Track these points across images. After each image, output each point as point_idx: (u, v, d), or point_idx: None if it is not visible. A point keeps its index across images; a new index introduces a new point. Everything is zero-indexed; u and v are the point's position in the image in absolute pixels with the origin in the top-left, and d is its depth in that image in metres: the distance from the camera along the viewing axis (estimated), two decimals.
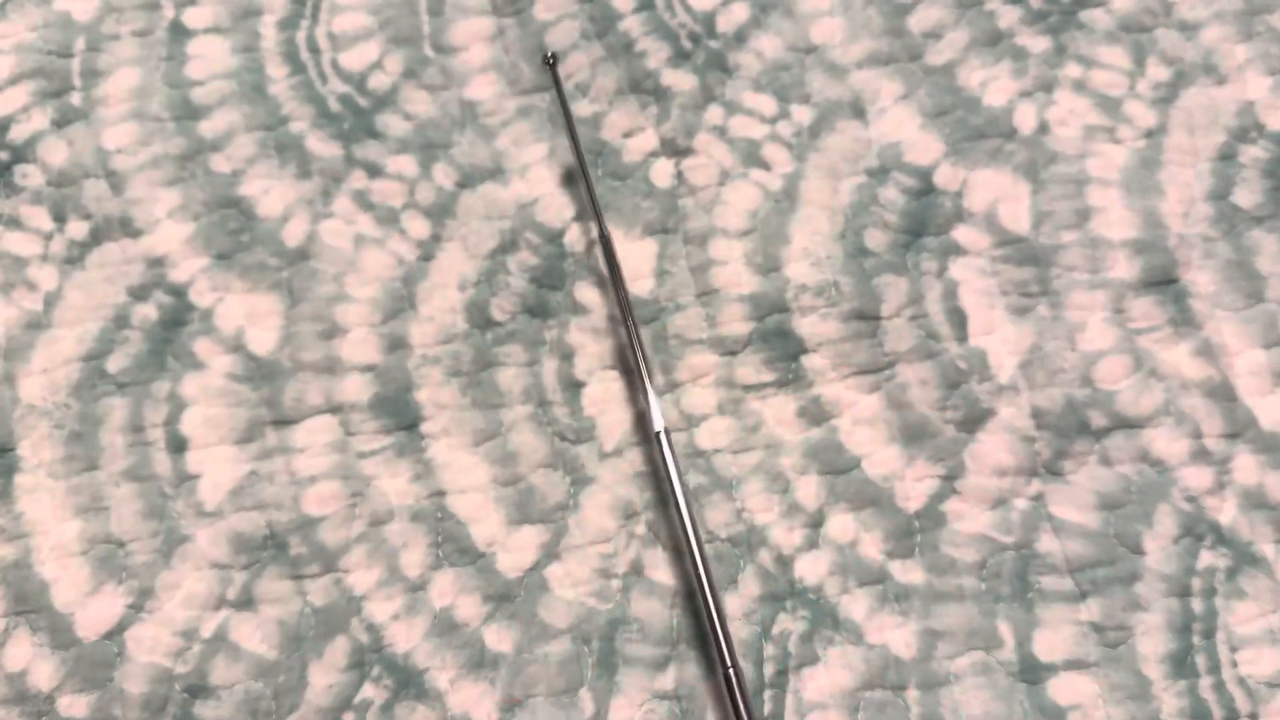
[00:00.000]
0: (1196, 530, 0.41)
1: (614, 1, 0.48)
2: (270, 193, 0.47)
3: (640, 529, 0.43)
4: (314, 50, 0.49)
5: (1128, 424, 0.43)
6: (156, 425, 0.44)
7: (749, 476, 0.43)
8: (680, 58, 0.47)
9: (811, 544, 0.42)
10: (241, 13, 0.49)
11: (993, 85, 0.47)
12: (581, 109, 0.47)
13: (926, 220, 0.45)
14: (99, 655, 0.41)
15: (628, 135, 0.47)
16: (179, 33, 0.49)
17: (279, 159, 0.47)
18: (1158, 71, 0.47)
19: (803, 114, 0.47)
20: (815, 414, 0.44)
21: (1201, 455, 0.42)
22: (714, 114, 0.47)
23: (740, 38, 0.47)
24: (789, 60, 0.47)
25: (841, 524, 0.43)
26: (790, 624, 0.41)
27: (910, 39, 0.47)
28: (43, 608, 0.41)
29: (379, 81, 0.48)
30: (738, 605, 0.41)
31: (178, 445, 0.44)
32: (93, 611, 0.41)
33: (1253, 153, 0.46)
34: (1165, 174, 0.45)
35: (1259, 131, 0.46)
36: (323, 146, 0.47)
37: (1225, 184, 0.45)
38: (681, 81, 0.47)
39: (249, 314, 0.45)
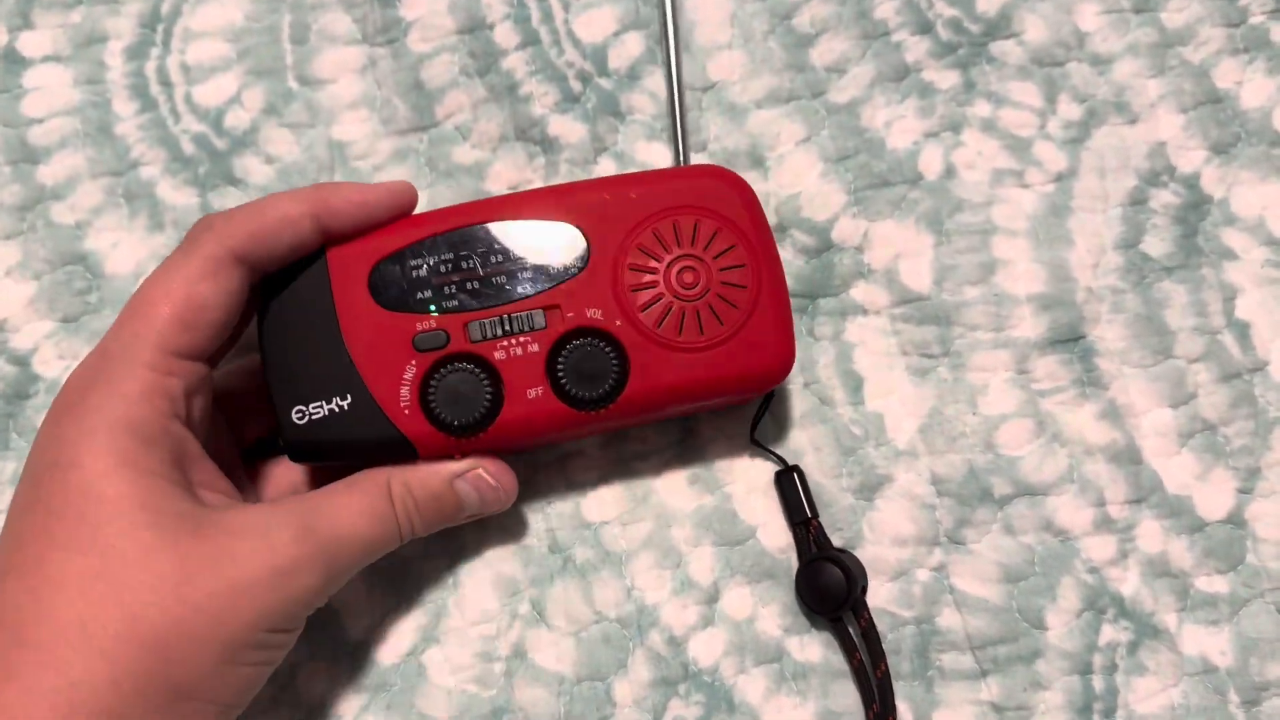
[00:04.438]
0: (1099, 604, 0.42)
1: (496, 36, 0.46)
2: (119, 247, 0.45)
3: (524, 608, 0.42)
4: (165, 83, 0.46)
5: (1030, 491, 0.43)
6: (2, 511, 0.42)
7: (640, 550, 0.43)
8: (569, 101, 0.45)
9: (707, 621, 0.42)
10: (84, 39, 0.46)
11: (898, 125, 0.46)
12: (462, 155, 0.45)
13: (823, 281, 0.44)
14: None
15: (514, 188, 0.45)
16: (14, 61, 0.47)
17: (128, 209, 0.45)
18: (1069, 109, 0.46)
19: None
20: (707, 481, 0.43)
21: (1105, 524, 0.43)
22: (605, 168, 0.45)
23: (634, 75, 0.46)
24: (686, 101, 0.46)
25: (738, 598, 0.42)
26: (684, 709, 0.41)
27: (813, 74, 0.46)
28: None
29: (237, 119, 0.46)
30: (628, 692, 0.41)
31: None
32: None
33: (1163, 197, 0.45)
34: (1074, 221, 0.45)
35: (1170, 174, 0.46)
36: (176, 194, 0.45)
37: (1135, 231, 0.45)
38: (570, 131, 0.45)
39: None
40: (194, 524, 0.33)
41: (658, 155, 0.46)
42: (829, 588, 0.41)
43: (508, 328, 0.38)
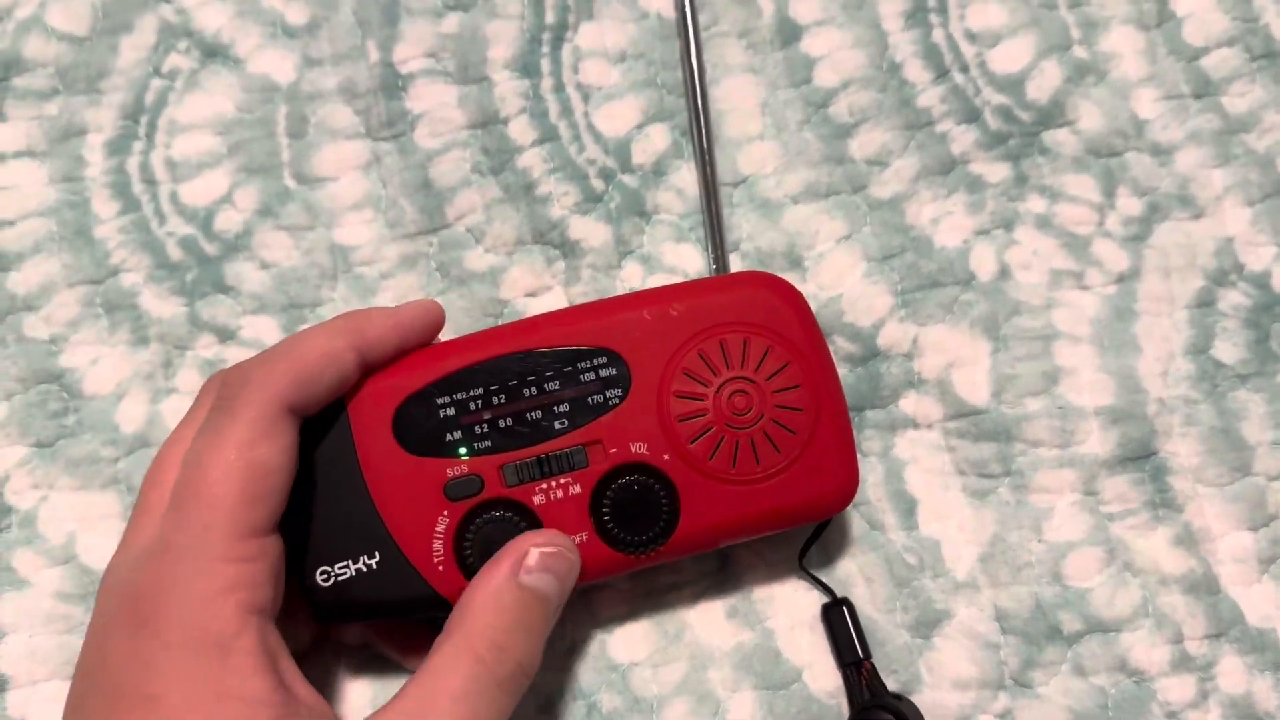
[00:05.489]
0: None
1: (511, 130, 0.43)
2: (99, 364, 0.41)
3: None
4: (150, 181, 0.43)
5: (1102, 627, 0.39)
6: None
7: (673, 696, 0.39)
8: (590, 201, 0.42)
9: None
10: (60, 132, 0.43)
11: (946, 222, 0.42)
12: (476, 260, 0.42)
13: (870, 392, 0.41)
14: None
15: (531, 295, 0.42)
16: None
17: (108, 320, 0.42)
18: (1129, 204, 0.43)
19: (734, 267, 0.42)
20: (747, 615, 0.40)
21: (1183, 662, 0.39)
22: (631, 272, 0.42)
23: (660, 171, 0.42)
24: (719, 197, 0.42)
25: None
26: None
27: (853, 166, 0.43)
28: None
29: (229, 221, 0.42)
30: None
31: None
32: None
33: (1233, 298, 0.42)
34: (1140, 326, 0.42)
35: (1239, 273, 0.43)
36: (161, 305, 0.42)
37: (1205, 336, 0.42)
38: (592, 233, 0.42)
39: (81, 517, 0.40)
40: None
41: (687, 258, 0.43)
42: None
43: (546, 469, 0.35)
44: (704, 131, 0.42)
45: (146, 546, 0.31)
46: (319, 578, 0.34)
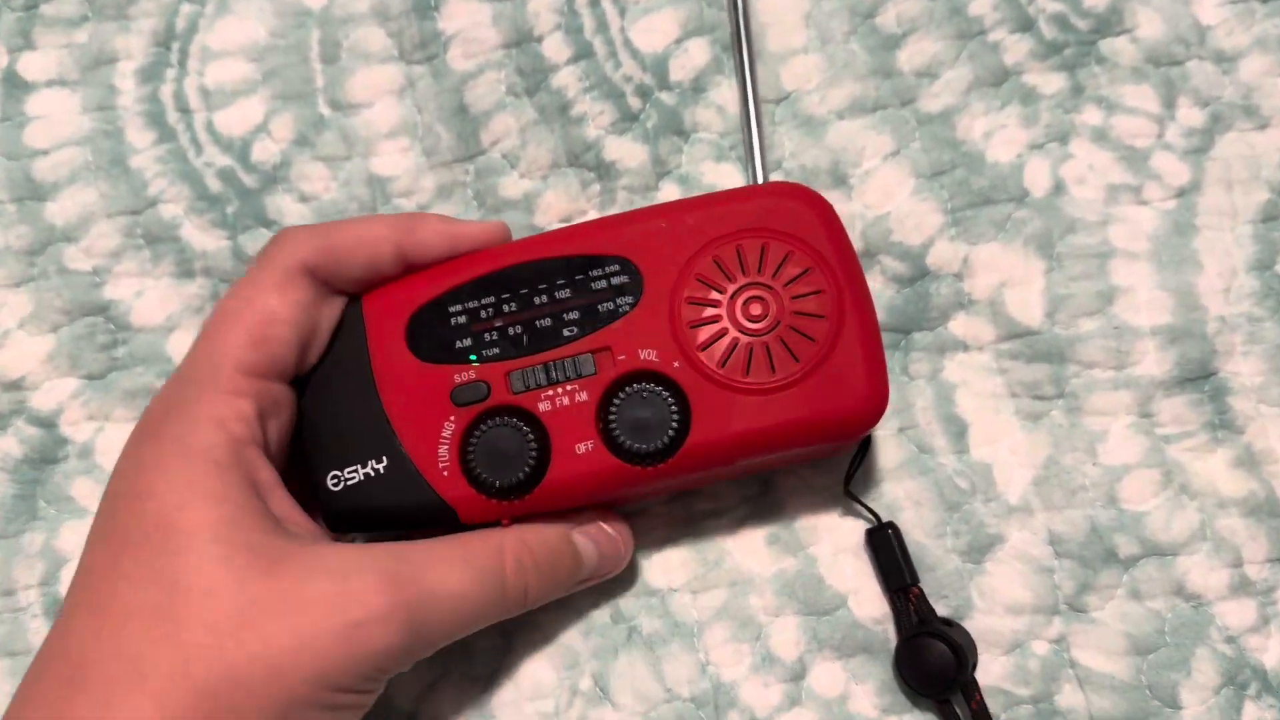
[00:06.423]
0: (1239, 678, 0.38)
1: (545, 49, 0.42)
2: (145, 296, 0.41)
3: (586, 683, 0.38)
4: (184, 109, 0.42)
5: (1159, 551, 0.39)
6: (30, 586, 0.40)
7: (713, 621, 0.39)
8: (627, 120, 0.41)
9: (793, 701, 0.38)
10: (92, 60, 0.43)
11: (999, 136, 0.41)
12: (511, 186, 0.42)
13: (918, 314, 0.40)
14: None
15: (566, 221, 0.41)
16: (15, 86, 0.43)
17: (150, 252, 0.42)
18: (1190, 115, 0.41)
19: None
20: (788, 541, 0.39)
21: (1242, 586, 0.39)
22: (669, 193, 0.41)
23: (699, 87, 0.41)
24: (761, 114, 0.41)
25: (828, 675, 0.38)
26: None
27: (901, 79, 0.41)
28: None
29: (265, 151, 0.42)
30: None
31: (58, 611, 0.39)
32: None
33: None
34: (1201, 241, 0.41)
35: None
36: (204, 238, 0.42)
37: (1269, 251, 0.41)
38: (629, 154, 0.41)
39: None
40: (268, 560, 0.30)
41: (727, 177, 0.42)
42: (934, 666, 0.37)
43: (552, 376, 0.35)
44: (747, 44, 0.41)
45: (168, 381, 0.34)
46: (330, 482, 0.35)
